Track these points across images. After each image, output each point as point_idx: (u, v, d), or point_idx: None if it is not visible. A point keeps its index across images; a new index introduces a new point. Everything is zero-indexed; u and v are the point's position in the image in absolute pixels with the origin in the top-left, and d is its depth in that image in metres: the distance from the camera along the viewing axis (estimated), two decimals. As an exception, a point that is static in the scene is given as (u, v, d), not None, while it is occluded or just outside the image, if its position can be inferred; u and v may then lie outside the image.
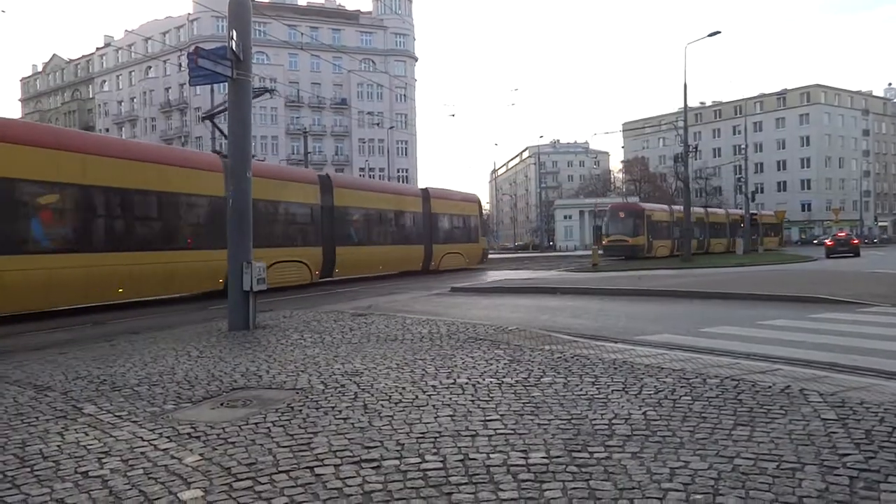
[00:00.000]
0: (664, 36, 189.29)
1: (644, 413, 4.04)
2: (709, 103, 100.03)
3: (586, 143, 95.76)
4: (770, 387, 4.67)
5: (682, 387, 4.73)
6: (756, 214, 48.59)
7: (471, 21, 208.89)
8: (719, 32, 29.18)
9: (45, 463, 3.41)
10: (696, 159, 57.97)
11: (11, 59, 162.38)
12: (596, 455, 3.30)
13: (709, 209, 47.79)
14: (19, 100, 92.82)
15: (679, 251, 35.42)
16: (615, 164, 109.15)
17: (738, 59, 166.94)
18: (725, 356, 6.27)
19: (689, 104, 32.87)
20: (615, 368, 5.45)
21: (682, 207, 34.45)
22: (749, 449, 3.34)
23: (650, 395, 4.52)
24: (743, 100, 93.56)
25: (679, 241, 36.57)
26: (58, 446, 3.68)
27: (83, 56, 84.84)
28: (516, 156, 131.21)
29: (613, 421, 3.89)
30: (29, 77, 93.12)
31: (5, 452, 3.59)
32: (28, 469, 3.32)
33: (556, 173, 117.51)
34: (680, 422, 3.84)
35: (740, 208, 50.92)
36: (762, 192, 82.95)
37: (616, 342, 7.25)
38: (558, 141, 68.64)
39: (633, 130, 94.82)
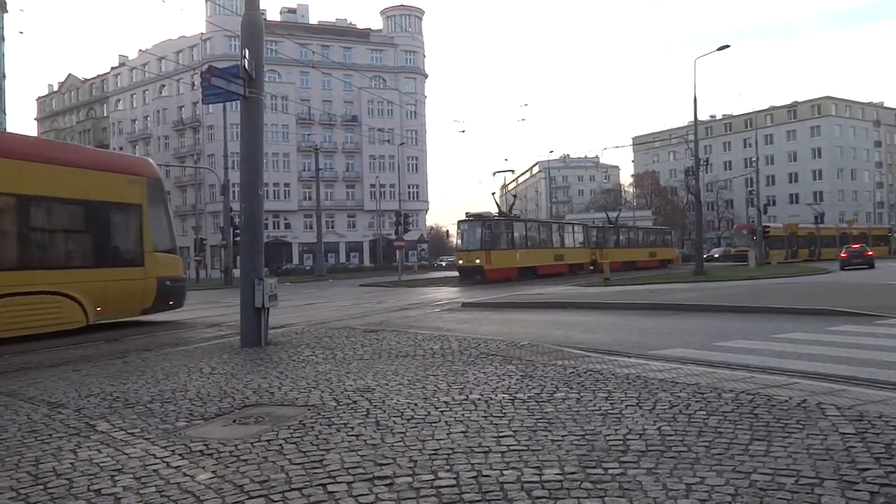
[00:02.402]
0: (673, 50, 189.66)
1: (659, 428, 4.00)
2: (719, 116, 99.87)
3: (596, 157, 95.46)
4: (786, 401, 4.61)
5: (696, 401, 4.68)
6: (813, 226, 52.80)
7: (480, 37, 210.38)
8: (728, 46, 29.18)
9: (58, 480, 3.41)
10: (707, 173, 57.94)
11: (28, 78, 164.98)
12: (611, 471, 3.26)
13: (819, 225, 53.56)
14: (35, 118, 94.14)
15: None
16: (626, 179, 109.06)
17: (747, 73, 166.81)
18: (740, 370, 6.20)
19: (700, 117, 32.84)
20: (629, 383, 5.41)
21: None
22: (766, 464, 3.29)
23: (665, 409, 4.48)
24: (753, 112, 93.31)
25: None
26: (71, 464, 3.69)
27: (98, 75, 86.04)
28: (526, 171, 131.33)
29: (628, 436, 3.85)
30: (45, 96, 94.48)
31: (19, 470, 3.60)
32: (41, 486, 3.33)
33: (566, 188, 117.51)
34: (695, 437, 3.80)
35: (752, 220, 50.80)
36: (774, 204, 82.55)
37: (629, 357, 7.19)
38: (568, 156, 68.78)
39: (643, 144, 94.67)
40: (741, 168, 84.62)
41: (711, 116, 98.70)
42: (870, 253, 35.27)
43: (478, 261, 29.88)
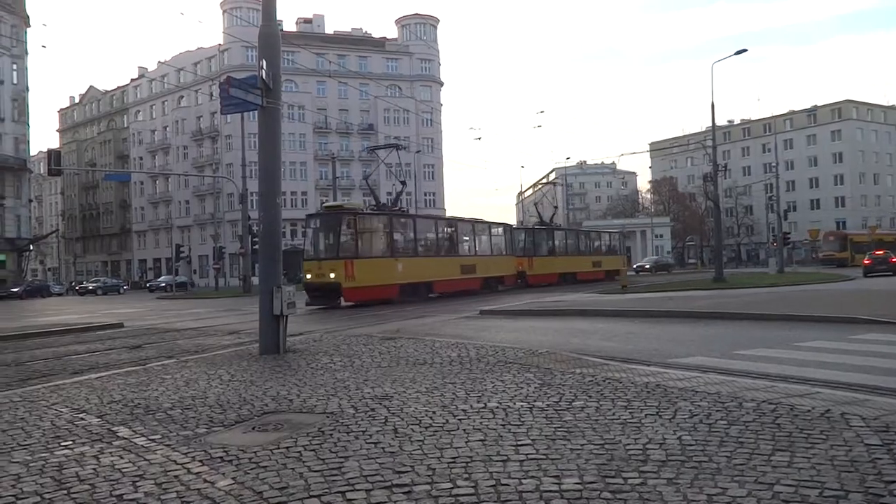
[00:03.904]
0: (690, 55, 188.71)
1: (679, 438, 3.97)
2: (737, 121, 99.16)
3: (613, 163, 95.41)
4: (809, 411, 4.55)
5: (717, 411, 4.63)
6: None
7: (496, 44, 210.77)
8: (746, 50, 29.05)
9: (81, 486, 3.45)
10: (725, 178, 57.46)
11: (51, 91, 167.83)
12: (630, 481, 3.24)
13: None
14: (57, 130, 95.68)
15: None
16: (643, 185, 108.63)
17: (765, 77, 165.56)
18: (761, 379, 6.13)
19: (718, 122, 32.62)
20: (648, 392, 5.37)
21: None
22: (789, 475, 3.25)
23: (685, 419, 4.43)
24: (772, 117, 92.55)
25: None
26: (93, 469, 3.73)
27: (118, 87, 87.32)
28: (543, 177, 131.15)
29: (648, 446, 3.82)
30: (67, 108, 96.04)
31: (43, 475, 3.65)
32: (65, 491, 3.37)
33: (583, 195, 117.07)
34: (716, 447, 3.76)
35: (772, 227, 50.30)
36: (794, 210, 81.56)
37: (648, 365, 7.14)
38: (585, 162, 68.50)
39: (660, 150, 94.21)
40: (760, 173, 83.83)
41: (729, 121, 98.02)
42: (894, 259, 34.74)
43: (332, 275, 19.79)
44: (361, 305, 20.79)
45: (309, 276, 20.92)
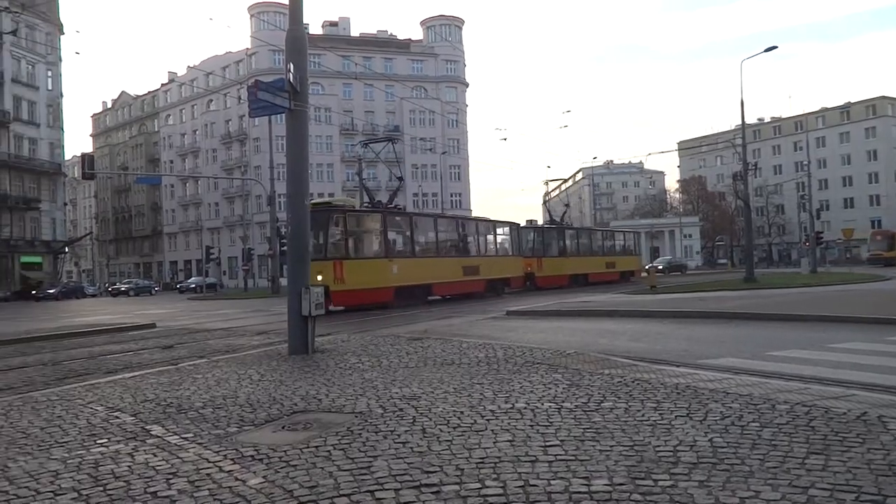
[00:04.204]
0: (719, 52, 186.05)
1: (710, 440, 3.92)
2: (767, 119, 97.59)
3: (641, 163, 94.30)
4: (845, 413, 4.46)
5: (749, 413, 4.56)
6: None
7: (521, 44, 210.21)
8: (776, 47, 28.50)
9: (116, 483, 3.52)
10: (756, 177, 56.63)
11: (84, 96, 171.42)
12: (661, 483, 3.21)
13: None
14: (90, 135, 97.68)
15: None
16: (671, 184, 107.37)
17: (796, 74, 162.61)
18: (795, 381, 6.02)
19: (747, 120, 32.18)
20: (678, 393, 5.31)
21: None
22: (824, 479, 3.19)
23: (716, 421, 4.38)
24: (804, 115, 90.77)
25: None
26: (128, 467, 3.80)
27: (149, 92, 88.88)
28: (570, 177, 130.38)
29: (678, 448, 3.78)
30: (99, 113, 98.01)
31: (80, 472, 3.73)
32: (101, 488, 3.44)
33: (610, 194, 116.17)
34: (749, 449, 3.70)
35: (804, 226, 49.37)
36: (828, 209, 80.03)
37: (678, 366, 7.06)
38: (612, 162, 67.95)
39: (688, 149, 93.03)
40: (792, 172, 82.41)
41: (759, 119, 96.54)
42: None
43: (320, 277, 16.70)
44: (352, 310, 19.20)
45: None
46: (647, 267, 46.21)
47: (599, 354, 7.87)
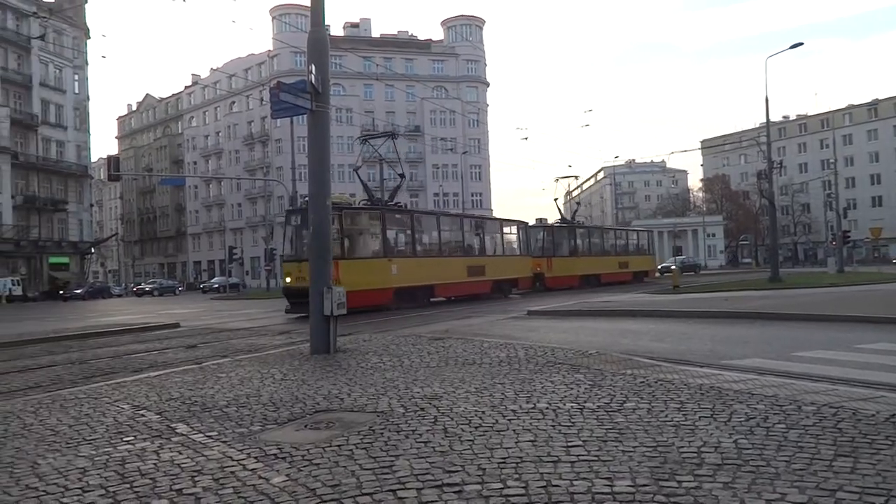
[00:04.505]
0: (743, 49, 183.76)
1: (735, 441, 3.87)
2: (793, 117, 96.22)
3: (663, 161, 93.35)
4: (873, 415, 4.38)
5: (775, 414, 4.50)
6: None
7: (542, 43, 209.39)
8: (801, 44, 28.06)
9: (142, 480, 3.57)
10: (780, 175, 55.77)
11: (110, 99, 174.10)
12: (685, 484, 3.18)
13: None
14: (116, 137, 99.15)
15: None
16: (694, 183, 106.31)
17: (822, 71, 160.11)
18: (821, 382, 5.93)
19: (772, 118, 31.73)
20: (702, 394, 5.25)
21: None
22: (853, 482, 3.14)
23: (741, 422, 4.33)
24: (830, 112, 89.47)
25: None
26: (154, 464, 3.85)
27: (173, 94, 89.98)
28: (591, 177, 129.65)
29: (702, 449, 3.74)
30: (125, 116, 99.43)
31: (107, 469, 3.79)
32: (128, 485, 3.49)
33: (632, 193, 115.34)
34: (774, 451, 3.66)
35: (830, 225, 48.60)
36: (855, 207, 78.67)
37: (702, 367, 6.99)
38: (634, 160, 67.38)
39: (712, 148, 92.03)
40: (818, 170, 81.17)
41: (784, 117, 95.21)
42: None
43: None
44: (349, 313, 18.59)
45: (288, 280, 18.48)
46: (659, 267, 45.33)
47: (622, 355, 7.82)
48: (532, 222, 31.78)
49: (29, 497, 3.37)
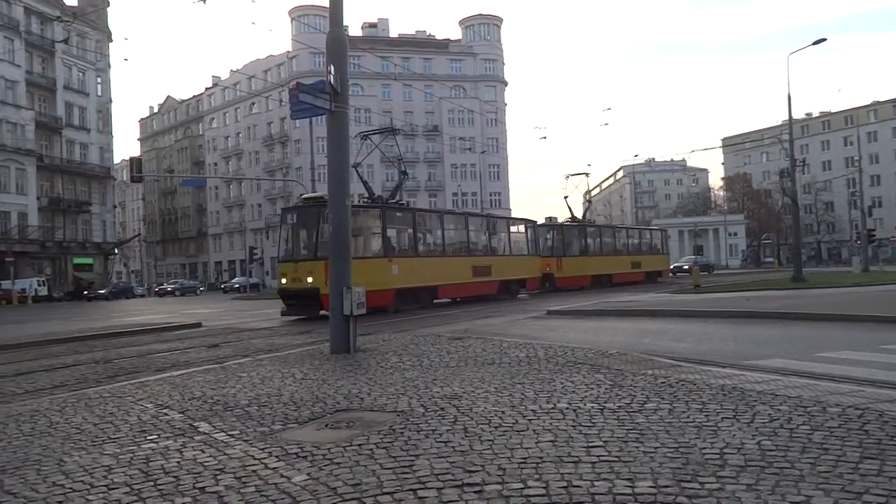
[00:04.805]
0: (765, 45, 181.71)
1: (758, 442, 3.83)
2: (816, 114, 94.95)
3: (683, 160, 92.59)
4: (900, 416, 4.31)
5: (799, 415, 4.44)
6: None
7: (560, 42, 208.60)
8: (825, 40, 27.63)
9: (166, 478, 3.61)
10: (804, 173, 55.09)
11: (132, 102, 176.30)
12: (707, 486, 3.15)
13: None
14: (138, 139, 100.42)
15: None
16: (715, 182, 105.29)
17: (846, 67, 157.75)
18: (846, 383, 5.84)
19: (795, 115, 31.33)
20: (724, 395, 5.20)
21: None
22: (879, 485, 3.08)
23: (764, 423, 4.28)
24: (854, 109, 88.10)
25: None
26: (177, 462, 3.89)
27: (194, 96, 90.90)
28: (610, 175, 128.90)
29: (725, 450, 3.70)
30: (146, 118, 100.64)
31: (132, 467, 3.84)
32: (152, 483, 3.53)
33: (652, 192, 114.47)
34: (799, 453, 3.61)
35: (855, 224, 47.86)
36: (880, 206, 77.52)
37: (724, 367, 6.92)
38: (654, 159, 66.87)
39: (733, 146, 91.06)
40: (842, 168, 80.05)
41: (807, 114, 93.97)
42: None
43: (310, 279, 17.04)
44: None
45: (284, 281, 18.03)
46: (672, 266, 44.40)
47: (642, 355, 7.77)
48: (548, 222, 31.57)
49: (56, 494, 3.42)
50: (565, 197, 32.45)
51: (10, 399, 6.99)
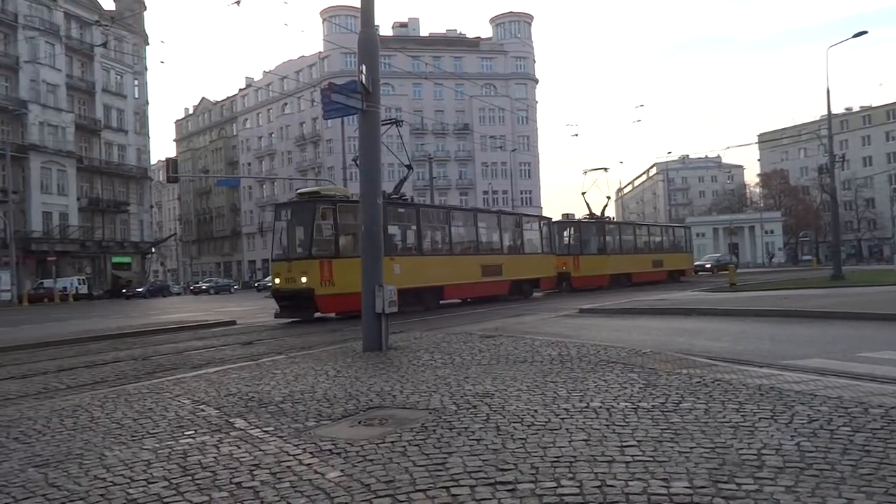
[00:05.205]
0: (802, 39, 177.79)
1: (797, 444, 3.75)
2: (856, 108, 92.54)
3: (718, 157, 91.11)
4: (946, 418, 4.18)
5: (839, 416, 4.34)
6: None
7: (592, 38, 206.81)
8: (865, 32, 26.87)
9: (203, 472, 3.67)
10: (843, 170, 53.71)
11: (168, 103, 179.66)
12: (745, 487, 3.10)
13: None
14: (174, 140, 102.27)
15: None
16: (751, 178, 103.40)
17: (887, 60, 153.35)
18: (889, 383, 5.69)
19: (834, 110, 30.57)
20: (761, 395, 5.11)
21: None
22: (925, 487, 3.00)
23: (803, 424, 4.19)
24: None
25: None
26: (214, 458, 3.96)
27: (228, 97, 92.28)
28: (643, 173, 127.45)
29: (762, 451, 3.64)
30: (182, 119, 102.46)
31: (170, 461, 3.92)
32: (189, 478, 3.60)
33: (686, 190, 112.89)
34: (839, 454, 3.53)
35: (897, 221, 46.57)
36: (923, 202, 75.05)
37: (761, 367, 6.79)
38: (687, 156, 65.86)
39: (770, 142, 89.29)
40: (883, 164, 77.95)
41: (847, 109, 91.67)
42: None
43: (304, 279, 16.25)
44: (345, 318, 16.45)
45: (277, 281, 17.15)
46: (694, 265, 42.68)
47: (677, 354, 7.66)
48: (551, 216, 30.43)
49: (97, 487, 3.51)
50: (583, 193, 30.92)
51: (54, 394, 7.19)
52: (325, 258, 16.29)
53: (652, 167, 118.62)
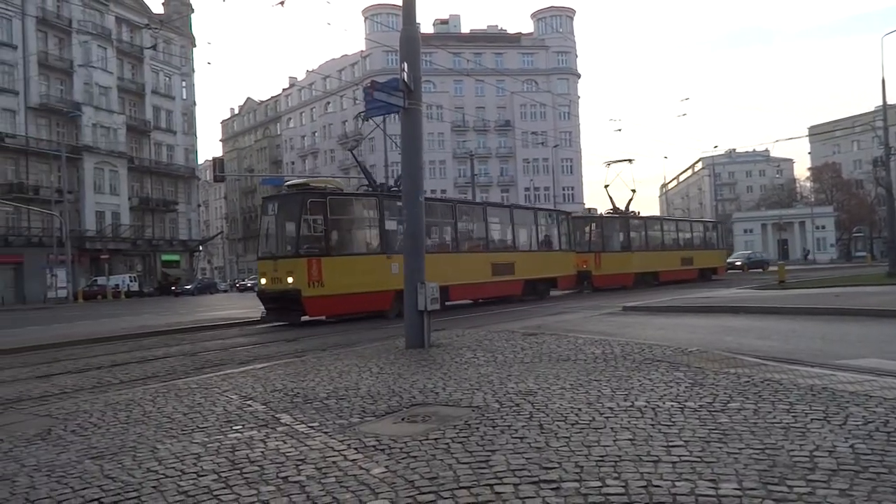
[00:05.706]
0: (854, 28, 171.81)
1: (851, 446, 3.64)
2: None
3: (766, 150, 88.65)
4: None
5: (897, 418, 4.20)
6: None
7: (635, 31, 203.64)
8: (925, 19, 25.83)
9: (251, 467, 3.75)
10: (900, 162, 51.71)
11: (214, 104, 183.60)
12: (796, 489, 3.02)
13: None
14: (220, 140, 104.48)
15: None
16: (801, 172, 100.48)
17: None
18: (950, 384, 5.47)
19: (889, 101, 29.44)
20: (813, 395, 4.97)
21: None
22: None
23: (857, 425, 4.06)
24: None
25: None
26: (261, 452, 4.04)
27: (272, 97, 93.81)
28: (688, 168, 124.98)
29: (815, 453, 3.54)
30: (228, 119, 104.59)
31: (219, 455, 4.01)
32: (238, 471, 3.68)
33: (733, 184, 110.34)
34: (897, 458, 3.41)
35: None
36: None
37: (812, 366, 6.60)
38: (734, 150, 64.28)
39: (821, 134, 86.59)
40: (943, 155, 74.66)
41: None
42: None
43: (291, 279, 15.03)
44: (337, 321, 15.87)
45: (264, 281, 15.90)
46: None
47: (724, 353, 7.50)
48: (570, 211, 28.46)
49: (150, 479, 3.62)
50: (606, 186, 29.26)
51: (107, 389, 7.43)
52: (313, 256, 15.05)
53: (697, 161, 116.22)
